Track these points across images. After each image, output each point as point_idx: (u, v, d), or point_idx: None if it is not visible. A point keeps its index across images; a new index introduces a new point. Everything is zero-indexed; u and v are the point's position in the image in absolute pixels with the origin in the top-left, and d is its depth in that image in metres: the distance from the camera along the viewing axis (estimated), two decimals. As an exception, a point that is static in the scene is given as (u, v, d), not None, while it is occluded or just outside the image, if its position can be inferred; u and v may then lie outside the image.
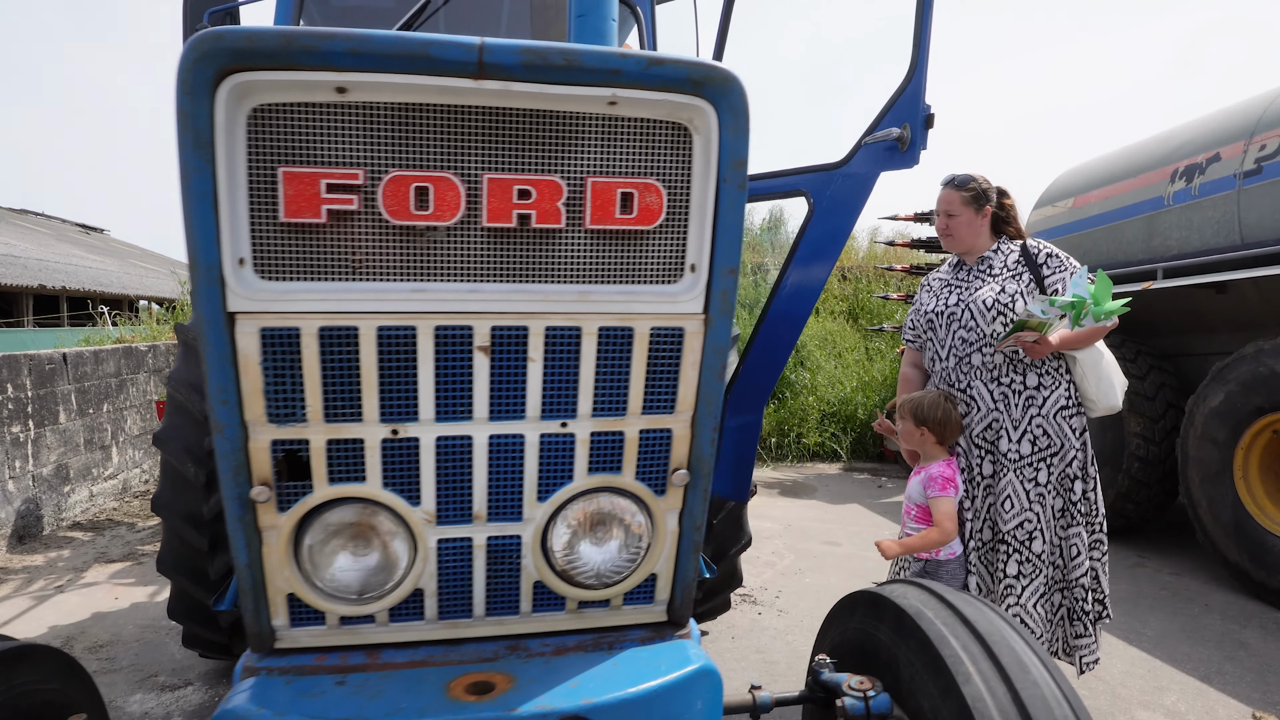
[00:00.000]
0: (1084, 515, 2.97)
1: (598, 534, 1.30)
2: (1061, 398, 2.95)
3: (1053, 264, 2.98)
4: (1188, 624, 4.32)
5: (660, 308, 1.20)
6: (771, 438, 9.32)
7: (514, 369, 1.19)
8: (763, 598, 4.81)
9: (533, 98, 1.10)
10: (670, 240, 1.20)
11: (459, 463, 1.22)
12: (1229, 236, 5.24)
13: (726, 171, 1.16)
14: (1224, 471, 4.89)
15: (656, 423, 1.25)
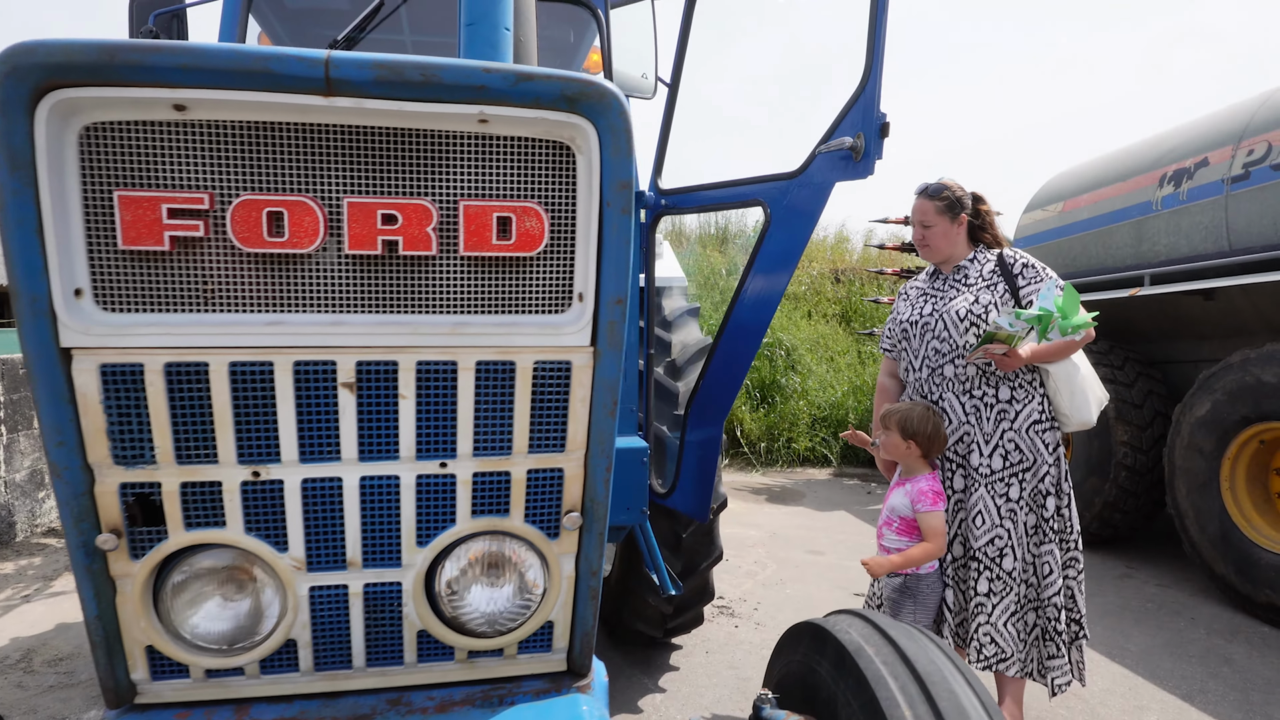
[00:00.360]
0: (1056, 532, 2.90)
1: (486, 580, 1.22)
2: (1034, 411, 2.89)
3: (1028, 274, 2.92)
4: (1172, 639, 4.23)
5: (544, 340, 1.11)
6: (761, 443, 9.23)
7: (384, 407, 1.11)
8: (741, 610, 4.72)
9: (394, 116, 1.02)
10: (555, 268, 1.11)
11: (328, 506, 1.13)
12: (1217, 242, 5.15)
13: (610, 195, 1.07)
14: (1211, 482, 4.80)
15: (546, 462, 1.16)
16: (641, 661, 3.97)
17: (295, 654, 1.19)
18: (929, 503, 2.82)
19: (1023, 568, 2.88)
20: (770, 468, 9.12)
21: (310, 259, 1.05)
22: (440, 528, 1.17)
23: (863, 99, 2.24)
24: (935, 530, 2.81)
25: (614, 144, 1.06)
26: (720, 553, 3.79)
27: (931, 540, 2.80)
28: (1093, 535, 5.84)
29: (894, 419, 2.89)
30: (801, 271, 12.37)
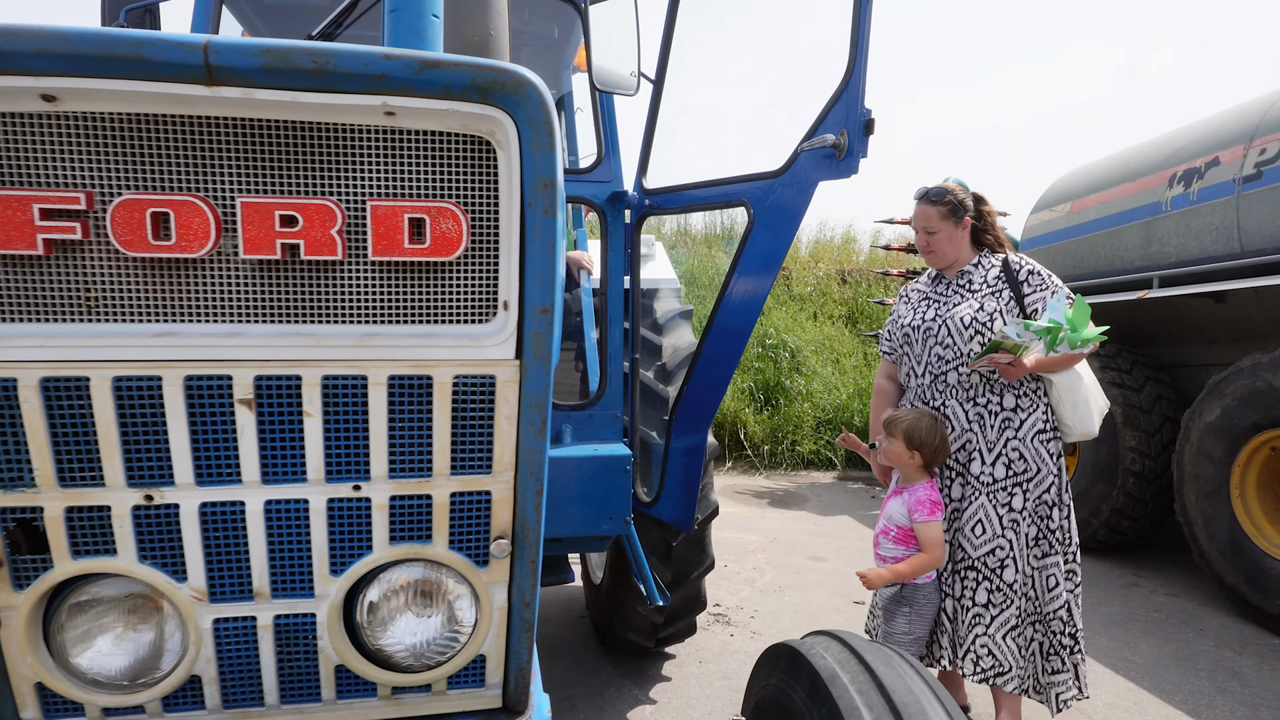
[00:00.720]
0: (1060, 544, 2.83)
1: (410, 611, 1.13)
2: (1039, 421, 2.82)
3: (1034, 282, 2.84)
4: (1179, 650, 4.10)
5: (464, 353, 1.02)
6: (764, 445, 9.12)
7: (288, 425, 1.01)
8: (737, 618, 4.63)
9: (289, 108, 0.93)
10: (476, 274, 1.02)
11: (231, 532, 1.04)
12: (1228, 244, 5.01)
13: (531, 194, 0.98)
14: (1220, 489, 4.67)
15: (470, 485, 1.07)
16: (633, 671, 3.88)
17: (200, 691, 1.10)
18: (926, 512, 2.75)
19: (1023, 580, 2.81)
20: (774, 471, 9.01)
21: (202, 264, 0.96)
22: (355, 555, 1.08)
23: (846, 95, 2.14)
24: (933, 541, 2.74)
25: (534, 138, 0.96)
26: (712, 561, 3.70)
27: (929, 551, 2.74)
28: (1100, 542, 5.71)
29: (900, 427, 2.80)
30: (807, 273, 12.25)
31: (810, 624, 4.50)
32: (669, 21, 2.74)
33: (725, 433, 9.20)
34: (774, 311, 11.13)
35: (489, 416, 1.05)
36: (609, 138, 2.98)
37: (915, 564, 2.75)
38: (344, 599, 1.10)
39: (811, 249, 13.81)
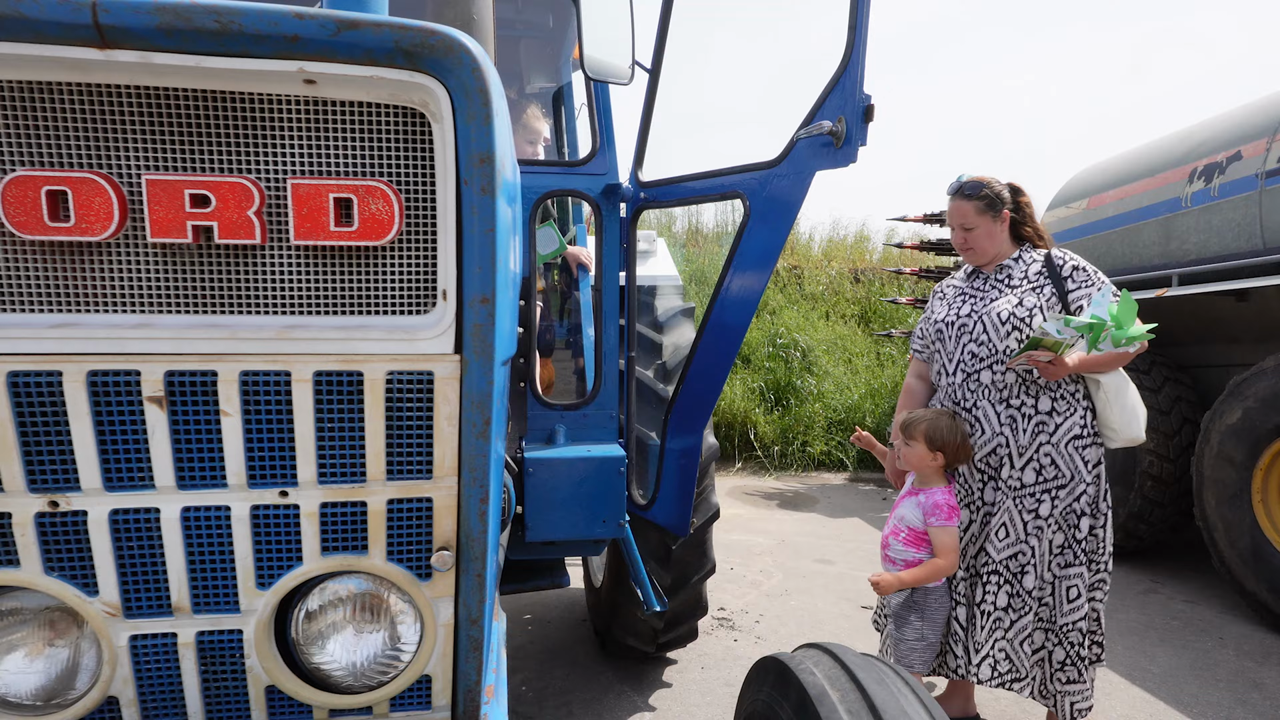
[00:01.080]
0: (1087, 554, 2.71)
1: (346, 628, 1.04)
2: (1076, 425, 2.68)
3: (1079, 278, 2.70)
4: (1198, 659, 3.96)
5: (398, 347, 0.93)
6: (775, 446, 8.99)
7: (204, 425, 0.92)
8: (742, 622, 4.52)
9: (195, 74, 0.84)
10: (411, 260, 0.93)
11: (145, 542, 0.95)
12: (1250, 240, 4.86)
13: (467, 171, 0.89)
14: (1241, 494, 4.52)
15: (409, 491, 0.98)
16: (633, 677, 3.80)
17: (119, 712, 1.01)
18: (944, 517, 2.65)
19: (1040, 586, 2.71)
20: (784, 472, 8.88)
21: (105, 248, 0.87)
22: (284, 567, 0.99)
23: (844, 80, 2.04)
24: (948, 547, 2.64)
25: (468, 108, 0.87)
26: (713, 565, 3.60)
27: (943, 557, 2.64)
28: (1117, 547, 5.54)
29: (919, 429, 2.70)
30: (819, 271, 12.09)
31: (816, 629, 4.39)
32: (665, 8, 2.65)
33: (735, 433, 9.08)
34: (785, 311, 10.99)
35: (427, 417, 0.96)
36: (604, 129, 2.89)
37: (930, 569, 2.65)
38: (275, 615, 1.01)
39: (824, 248, 13.66)
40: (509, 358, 1.08)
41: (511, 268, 1.08)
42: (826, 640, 4.15)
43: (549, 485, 2.62)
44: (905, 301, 8.07)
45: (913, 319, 10.66)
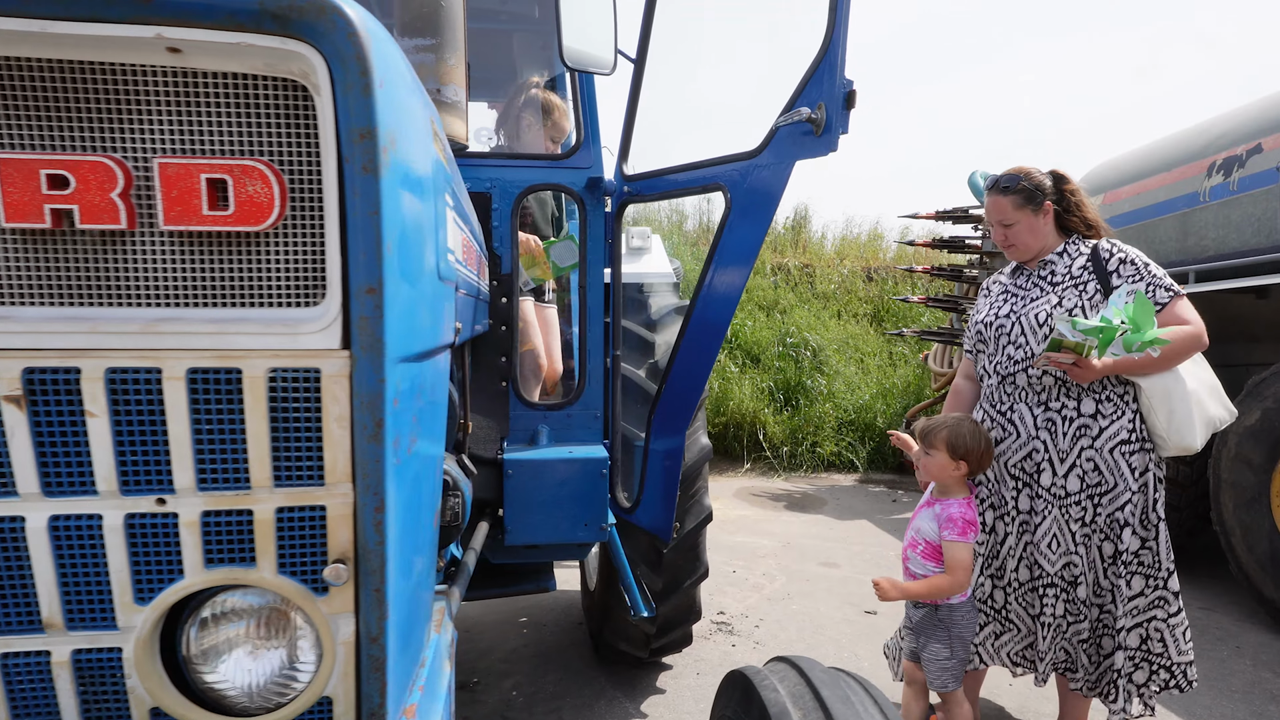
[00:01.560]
0: (1144, 566, 2.55)
1: (237, 645, 0.96)
2: (1123, 429, 2.50)
3: (1125, 272, 2.52)
4: (1214, 669, 3.83)
5: (280, 341, 0.84)
6: (784, 446, 8.87)
7: (69, 427, 0.85)
8: (741, 627, 4.43)
9: (45, 41, 0.76)
10: (293, 247, 0.85)
11: (10, 553, 0.88)
12: (1271, 236, 4.71)
13: (348, 148, 0.80)
14: (1260, 497, 4.38)
15: (300, 498, 0.89)
16: (626, 682, 3.72)
17: (-7, 735, 0.94)
18: (957, 531, 2.48)
19: (1094, 594, 2.58)
20: (793, 472, 8.77)
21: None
22: (164, 581, 0.91)
23: (824, 66, 1.95)
24: (960, 563, 2.47)
25: (345, 77, 0.79)
26: (706, 569, 3.52)
27: (952, 573, 2.48)
28: (1131, 552, 5.43)
29: (940, 437, 2.54)
30: (831, 270, 11.96)
31: (817, 635, 4.29)
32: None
33: (744, 433, 8.97)
34: (796, 310, 10.88)
35: (316, 418, 0.87)
36: (589, 122, 2.80)
37: (933, 585, 2.51)
38: (159, 631, 0.94)
39: (837, 246, 13.51)
40: (421, 353, 1.00)
41: (428, 257, 1.00)
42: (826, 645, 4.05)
43: (529, 487, 2.55)
44: (917, 300, 7.92)
45: (926, 318, 10.50)
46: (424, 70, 2.05)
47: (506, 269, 2.74)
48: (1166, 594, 2.55)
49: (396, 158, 0.85)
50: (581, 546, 2.87)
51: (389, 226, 0.83)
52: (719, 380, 9.20)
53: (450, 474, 1.65)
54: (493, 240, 2.72)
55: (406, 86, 0.91)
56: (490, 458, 2.60)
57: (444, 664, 1.38)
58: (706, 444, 3.47)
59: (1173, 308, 2.49)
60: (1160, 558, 2.54)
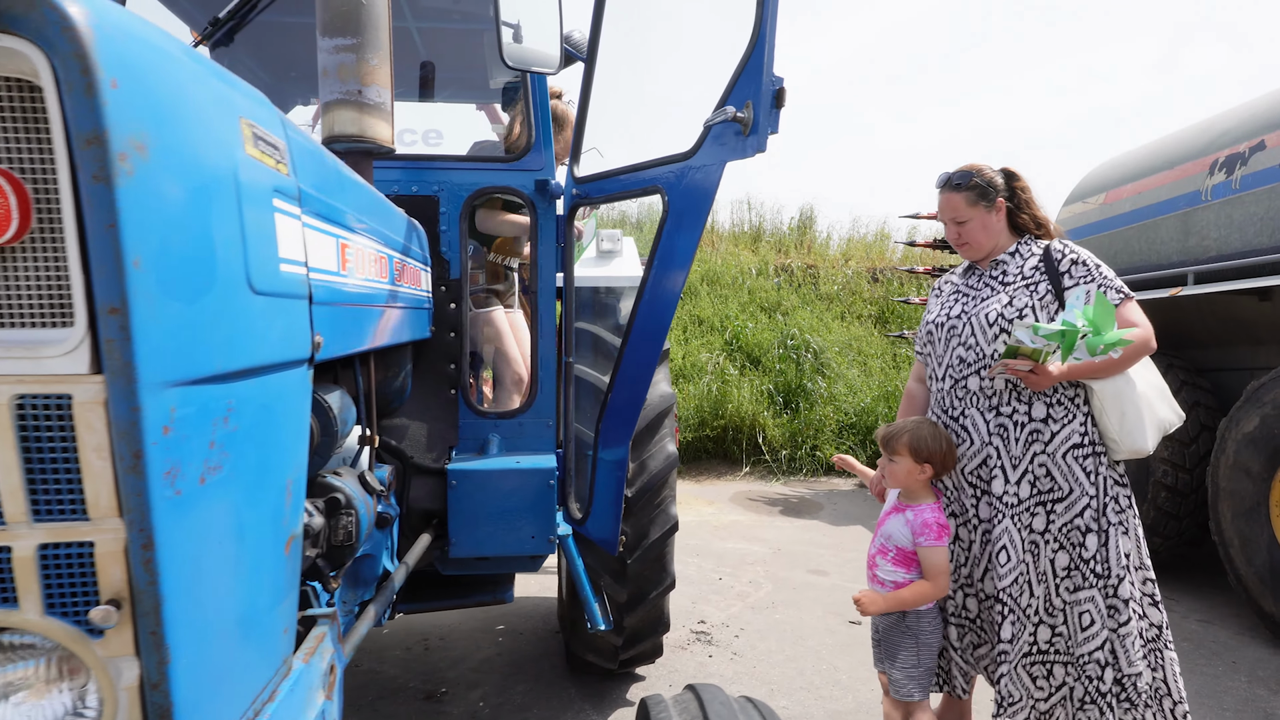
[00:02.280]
0: (1100, 577, 2.43)
1: (14, 692, 0.89)
2: (1074, 434, 2.45)
3: (1077, 273, 2.47)
4: (1207, 686, 3.69)
5: (26, 366, 0.76)
6: (783, 450, 8.76)
7: None
8: (721, 636, 4.33)
9: None
10: (40, 262, 0.77)
11: None
12: (1274, 235, 4.55)
13: (79, 155, 0.72)
14: (1259, 507, 4.23)
15: (63, 534, 0.81)
16: (596, 694, 3.64)
17: None
18: (933, 536, 2.43)
19: (1043, 607, 2.47)
20: (793, 476, 8.65)
21: None
22: (-87, 622, 0.83)
23: (752, 64, 1.86)
24: (938, 569, 2.43)
25: (67, 76, 0.71)
26: (673, 580, 3.43)
27: (932, 579, 2.44)
28: (1130, 561, 5.28)
29: (902, 441, 2.49)
30: (835, 270, 11.80)
31: (797, 645, 4.19)
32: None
33: (743, 436, 8.86)
34: (799, 311, 10.74)
35: (71, 448, 0.80)
36: (539, 123, 2.73)
37: (917, 593, 2.45)
38: None
39: (843, 246, 13.34)
40: (227, 374, 0.91)
41: (227, 269, 0.91)
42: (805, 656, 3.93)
43: (474, 499, 2.47)
44: (919, 301, 7.79)
45: (932, 320, 10.34)
46: (344, 71, 1.98)
47: (456, 274, 2.66)
48: (1116, 602, 2.44)
49: (152, 165, 0.77)
50: (534, 559, 2.79)
51: (137, 240, 0.75)
52: (718, 383, 9.10)
53: (342, 492, 1.58)
54: (440, 245, 2.65)
55: (176, 86, 0.83)
56: (436, 468, 2.53)
57: (312, 696, 1.31)
58: (673, 452, 3.38)
59: (1122, 310, 2.44)
60: (1110, 564, 2.44)
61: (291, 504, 1.18)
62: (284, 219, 1.07)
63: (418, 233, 2.36)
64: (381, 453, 2.49)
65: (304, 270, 1.15)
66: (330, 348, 1.34)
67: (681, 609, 4.74)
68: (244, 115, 0.97)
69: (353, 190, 1.55)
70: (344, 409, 1.56)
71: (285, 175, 1.08)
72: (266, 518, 1.09)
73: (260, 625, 1.09)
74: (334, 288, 1.34)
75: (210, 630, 0.94)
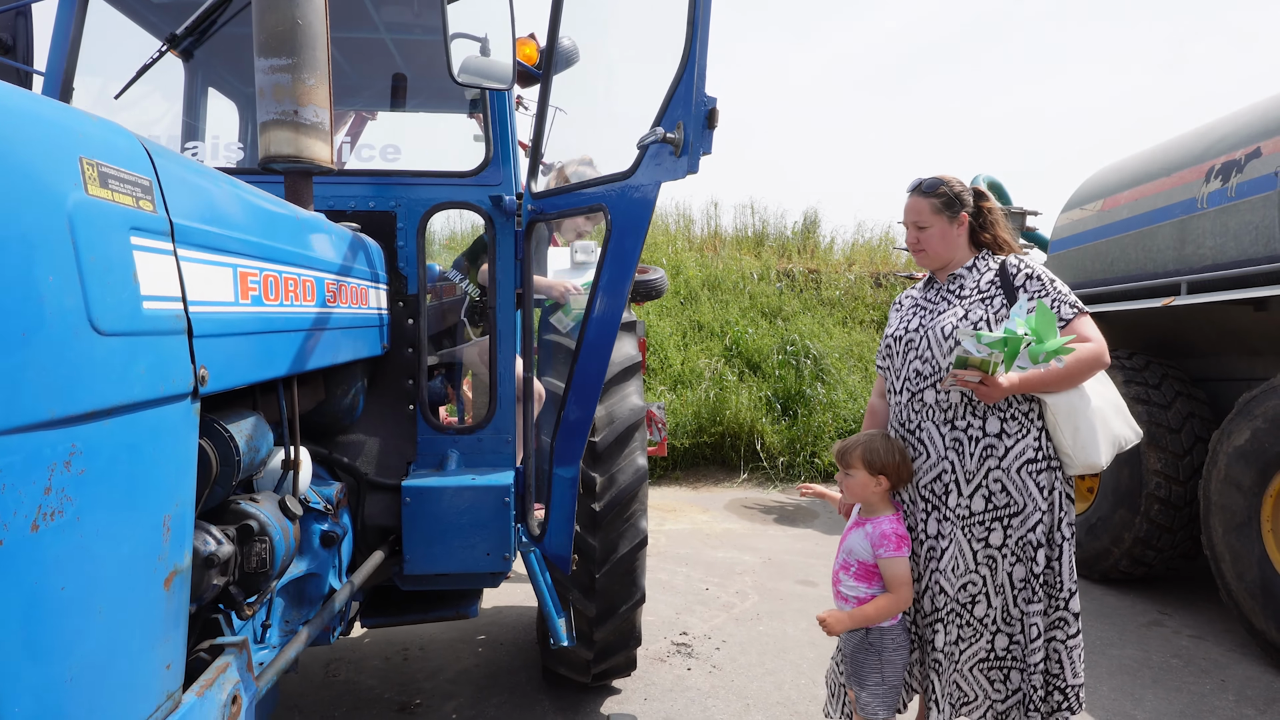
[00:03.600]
0: (1048, 590, 2.49)
1: None
2: (1028, 448, 2.47)
3: (1031, 287, 2.51)
4: (1191, 705, 3.63)
5: None
6: (781, 457, 8.70)
7: None
8: (702, 649, 4.30)
9: None
10: None
11: None
12: (1269, 244, 4.47)
13: None
14: (1250, 522, 4.16)
15: None
16: (570, 707, 3.62)
17: None
18: (893, 548, 2.45)
19: (1000, 617, 2.50)
20: (790, 484, 8.60)
21: None
22: None
23: (683, 85, 1.84)
24: (900, 579, 2.44)
25: None
26: (643, 595, 3.41)
27: (895, 590, 2.45)
28: (1123, 574, 5.21)
29: (856, 455, 2.51)
30: (838, 275, 11.72)
31: (778, 659, 4.15)
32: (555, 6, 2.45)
33: (741, 443, 8.81)
34: (799, 317, 10.67)
35: None
36: (499, 138, 2.71)
37: (880, 606, 2.45)
38: None
39: (846, 251, 13.25)
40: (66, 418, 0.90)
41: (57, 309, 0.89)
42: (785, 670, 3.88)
43: (428, 515, 2.46)
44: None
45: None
46: (280, 91, 1.97)
47: (414, 289, 2.65)
48: (1067, 615, 2.50)
49: None
50: (494, 576, 2.78)
51: None
52: (716, 390, 9.06)
53: (255, 519, 1.57)
54: (398, 260, 2.64)
55: None
56: (391, 484, 2.52)
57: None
58: (642, 465, 3.36)
59: (1075, 325, 2.47)
60: (1063, 578, 2.49)
61: (172, 539, 1.16)
62: (147, 255, 1.05)
63: (365, 250, 2.35)
64: (335, 470, 2.48)
65: (178, 305, 1.13)
66: (227, 378, 1.32)
67: (665, 620, 4.72)
68: (86, 154, 0.95)
69: (261, 217, 1.54)
70: (256, 436, 1.55)
71: (149, 211, 1.07)
72: (136, 556, 1.07)
73: (130, 665, 1.08)
74: (229, 318, 1.32)
75: (57, 679, 0.93)
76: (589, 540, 3.22)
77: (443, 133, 3.86)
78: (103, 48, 2.80)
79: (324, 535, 2.19)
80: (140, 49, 2.80)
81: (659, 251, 11.23)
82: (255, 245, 1.45)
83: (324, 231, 1.98)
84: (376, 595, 3.03)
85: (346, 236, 2.18)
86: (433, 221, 2.72)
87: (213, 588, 1.43)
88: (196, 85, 3.44)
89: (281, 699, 3.70)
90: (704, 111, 1.81)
